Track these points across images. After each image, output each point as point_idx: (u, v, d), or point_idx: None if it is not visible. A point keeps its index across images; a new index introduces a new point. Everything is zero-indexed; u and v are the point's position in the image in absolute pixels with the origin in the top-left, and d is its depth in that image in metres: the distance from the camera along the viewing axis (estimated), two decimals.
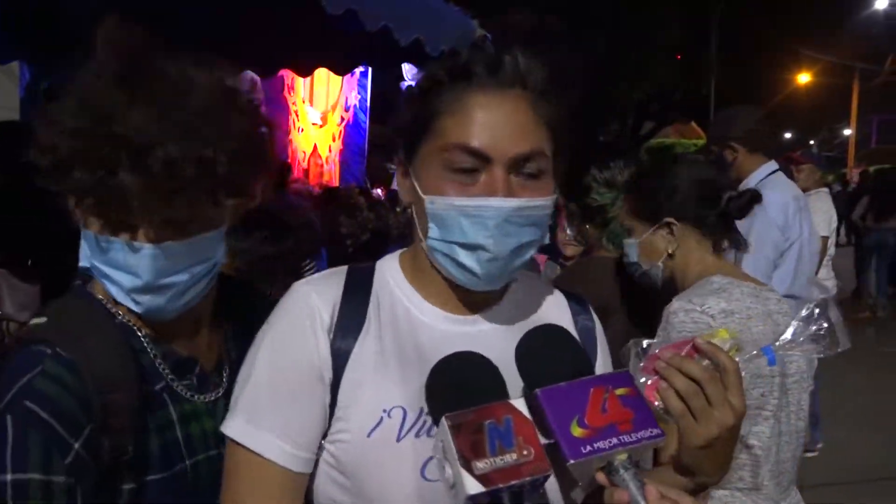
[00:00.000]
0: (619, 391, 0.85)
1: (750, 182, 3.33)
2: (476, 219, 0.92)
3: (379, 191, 6.04)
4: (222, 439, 1.02)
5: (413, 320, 1.03)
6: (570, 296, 1.17)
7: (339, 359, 0.98)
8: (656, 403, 0.98)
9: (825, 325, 1.06)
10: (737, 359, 1.00)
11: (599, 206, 2.23)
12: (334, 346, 0.98)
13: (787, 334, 1.07)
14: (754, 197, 1.85)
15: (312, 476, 0.99)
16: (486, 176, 0.93)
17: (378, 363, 0.99)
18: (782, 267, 3.28)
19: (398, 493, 0.93)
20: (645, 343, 1.02)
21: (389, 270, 1.08)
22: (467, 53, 0.98)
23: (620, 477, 0.81)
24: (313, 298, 1.01)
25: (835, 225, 5.07)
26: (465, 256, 0.95)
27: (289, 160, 7.36)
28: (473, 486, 0.76)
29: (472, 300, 1.04)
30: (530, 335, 0.93)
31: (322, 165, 7.74)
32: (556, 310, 1.14)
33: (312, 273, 2.80)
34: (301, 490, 0.98)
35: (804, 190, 4.93)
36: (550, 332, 0.95)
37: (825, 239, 5.21)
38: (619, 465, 0.81)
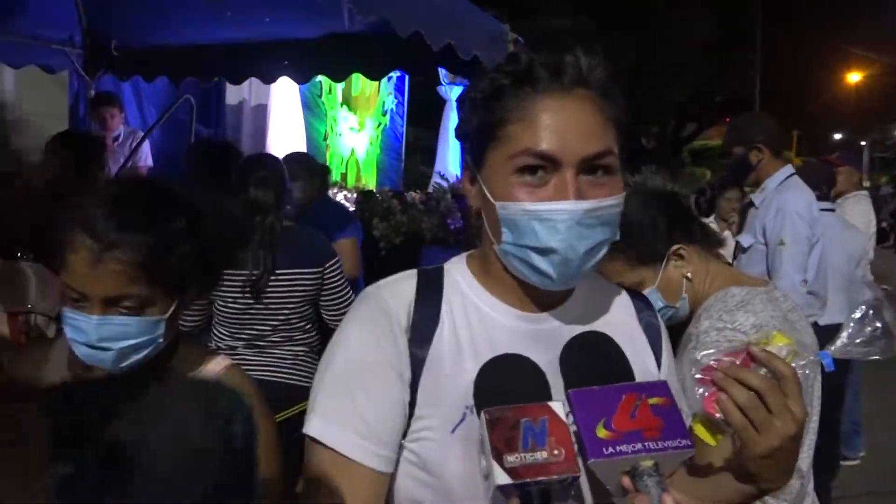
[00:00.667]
0: (653, 400, 0.86)
1: (771, 184, 3.42)
2: (548, 223, 0.93)
3: (413, 194, 6.08)
4: None
5: (485, 318, 1.05)
6: (633, 294, 1.19)
7: (418, 359, 1.00)
8: (717, 415, 0.97)
9: (879, 325, 1.03)
10: (793, 364, 0.98)
11: None
12: (412, 346, 1.01)
13: (843, 337, 1.05)
14: (702, 192, 1.84)
15: (392, 476, 1.00)
16: (557, 179, 0.94)
17: (455, 361, 1.01)
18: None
19: (480, 484, 0.92)
20: (700, 354, 1.00)
21: (459, 272, 1.10)
22: (527, 57, 0.98)
23: (644, 483, 0.82)
24: (388, 300, 1.03)
25: (873, 230, 4.96)
26: (539, 260, 0.96)
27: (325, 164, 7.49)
28: (502, 478, 0.80)
29: (542, 298, 1.05)
30: (574, 341, 0.96)
31: (359, 170, 7.84)
32: (621, 308, 1.15)
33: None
34: (384, 490, 0.99)
35: (841, 193, 4.85)
36: (593, 339, 0.98)
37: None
38: (643, 470, 0.83)
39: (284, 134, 6.63)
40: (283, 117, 6.62)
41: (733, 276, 1.76)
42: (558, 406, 0.85)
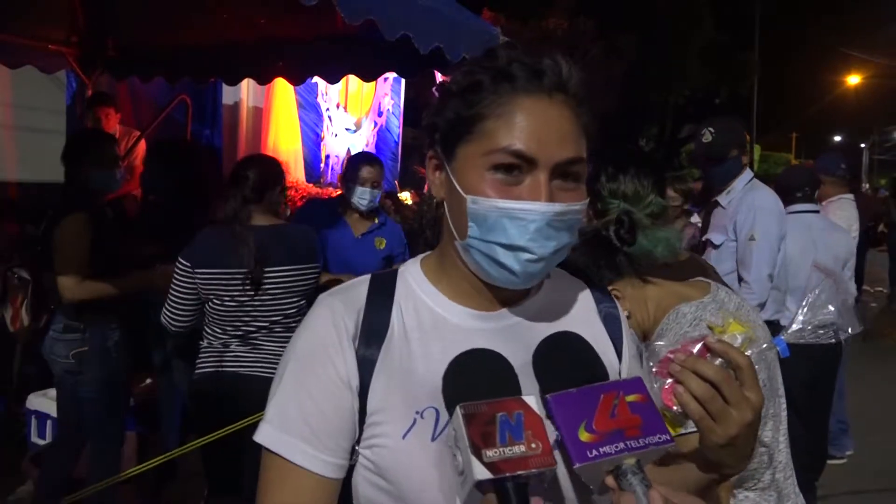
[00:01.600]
0: (630, 397, 0.86)
1: (739, 184, 3.57)
2: (519, 221, 0.94)
3: (408, 194, 6.12)
4: None
5: (438, 320, 1.04)
6: (592, 284, 1.19)
7: (366, 365, 1.00)
8: (674, 408, 0.98)
9: (832, 308, 1.05)
10: (749, 352, 0.99)
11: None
12: (360, 353, 1.00)
13: (797, 323, 1.06)
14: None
15: (350, 480, 1.01)
16: (531, 179, 0.94)
17: (405, 366, 1.00)
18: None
19: (436, 490, 0.94)
20: (656, 345, 1.02)
21: (412, 274, 1.09)
22: (506, 56, 0.98)
23: (628, 481, 0.83)
24: (338, 308, 1.03)
25: (856, 233, 5.01)
26: (504, 256, 0.96)
27: (322, 164, 7.53)
28: (481, 473, 0.79)
29: (499, 296, 1.05)
30: (546, 342, 0.95)
31: None
32: (581, 301, 1.15)
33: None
34: (334, 495, 1.00)
35: (826, 195, 4.92)
36: (566, 340, 0.97)
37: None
38: (626, 469, 0.83)
39: (281, 134, 6.67)
40: (279, 118, 6.66)
41: (675, 292, 1.72)
42: (532, 400, 0.86)
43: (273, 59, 4.83)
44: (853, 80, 33.18)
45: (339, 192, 6.20)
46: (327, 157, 7.65)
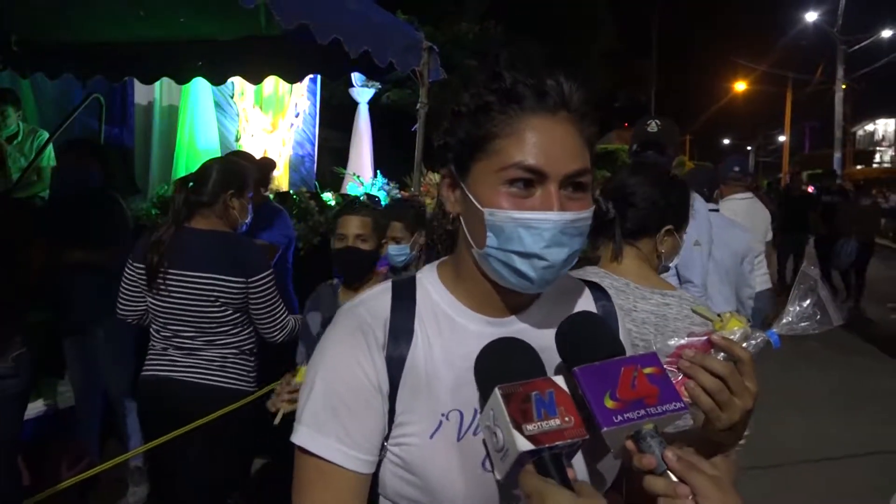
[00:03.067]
0: (647, 370, 0.96)
1: None
2: (534, 230, 1.01)
3: (329, 195, 6.14)
4: None
5: (456, 327, 1.11)
6: (590, 284, 1.28)
7: (394, 369, 1.06)
8: (685, 400, 1.06)
9: (817, 303, 1.12)
10: (745, 344, 1.10)
11: None
12: (388, 359, 1.07)
13: (788, 315, 1.13)
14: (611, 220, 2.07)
15: (378, 473, 1.08)
16: (542, 191, 1.01)
17: (429, 372, 1.07)
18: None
19: (462, 485, 1.03)
20: (668, 342, 1.11)
21: (429, 281, 1.16)
22: (511, 77, 1.04)
23: (647, 444, 0.91)
24: (365, 317, 1.10)
25: (767, 227, 5.44)
26: (521, 263, 1.02)
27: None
28: (524, 444, 0.88)
29: (510, 303, 1.12)
30: (569, 321, 1.04)
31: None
32: (581, 300, 1.24)
33: None
34: (365, 489, 1.08)
35: (724, 194, 5.31)
36: (587, 318, 1.07)
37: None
38: (646, 433, 0.92)
39: (197, 134, 6.53)
40: (195, 118, 6.52)
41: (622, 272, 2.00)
42: (560, 380, 0.95)
43: (193, 59, 4.76)
44: (741, 86, 35.40)
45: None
46: None
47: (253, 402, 2.92)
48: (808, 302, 1.13)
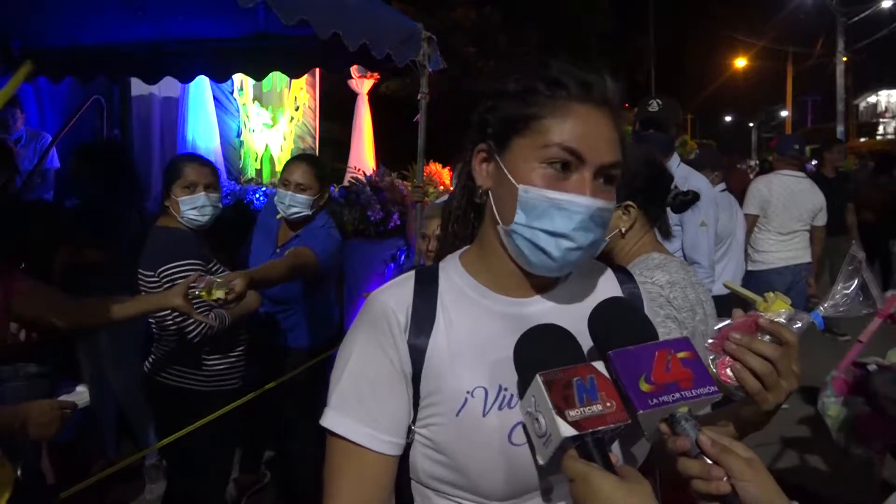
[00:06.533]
0: (681, 354, 0.96)
1: (673, 165, 3.59)
2: (566, 212, 1.04)
3: (333, 188, 6.16)
4: None
5: (479, 307, 1.14)
6: (615, 268, 1.30)
7: (417, 354, 1.10)
8: (730, 381, 1.07)
9: (862, 284, 1.12)
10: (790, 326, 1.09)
11: None
12: (411, 344, 1.10)
13: (834, 298, 1.14)
14: (695, 198, 2.11)
15: (408, 455, 1.12)
16: (577, 176, 1.05)
17: (453, 352, 1.10)
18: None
19: (490, 460, 1.05)
20: (719, 325, 1.12)
21: (452, 268, 1.20)
22: (557, 67, 1.09)
23: (682, 426, 0.92)
24: (389, 303, 1.13)
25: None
26: (546, 242, 1.05)
27: (240, 161, 7.44)
28: (567, 430, 0.89)
29: (533, 284, 1.15)
30: (602, 307, 1.05)
31: (274, 165, 7.82)
32: (606, 283, 1.25)
33: None
34: (392, 471, 1.12)
35: (777, 169, 5.37)
36: (619, 304, 1.08)
37: (754, 217, 5.65)
38: (680, 416, 0.93)
39: (197, 131, 6.55)
40: (194, 114, 6.53)
41: (659, 248, 2.00)
42: (599, 365, 0.96)
43: (195, 57, 4.77)
44: (741, 63, 35.17)
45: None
46: (247, 153, 7.56)
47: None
48: (853, 284, 1.13)
